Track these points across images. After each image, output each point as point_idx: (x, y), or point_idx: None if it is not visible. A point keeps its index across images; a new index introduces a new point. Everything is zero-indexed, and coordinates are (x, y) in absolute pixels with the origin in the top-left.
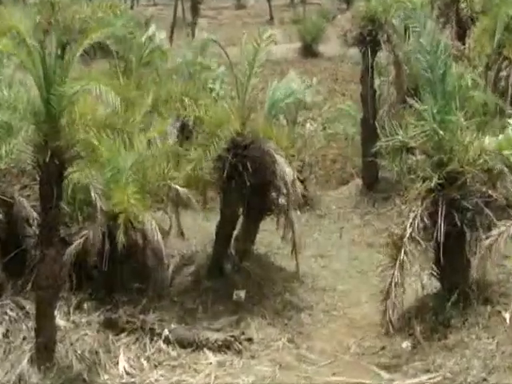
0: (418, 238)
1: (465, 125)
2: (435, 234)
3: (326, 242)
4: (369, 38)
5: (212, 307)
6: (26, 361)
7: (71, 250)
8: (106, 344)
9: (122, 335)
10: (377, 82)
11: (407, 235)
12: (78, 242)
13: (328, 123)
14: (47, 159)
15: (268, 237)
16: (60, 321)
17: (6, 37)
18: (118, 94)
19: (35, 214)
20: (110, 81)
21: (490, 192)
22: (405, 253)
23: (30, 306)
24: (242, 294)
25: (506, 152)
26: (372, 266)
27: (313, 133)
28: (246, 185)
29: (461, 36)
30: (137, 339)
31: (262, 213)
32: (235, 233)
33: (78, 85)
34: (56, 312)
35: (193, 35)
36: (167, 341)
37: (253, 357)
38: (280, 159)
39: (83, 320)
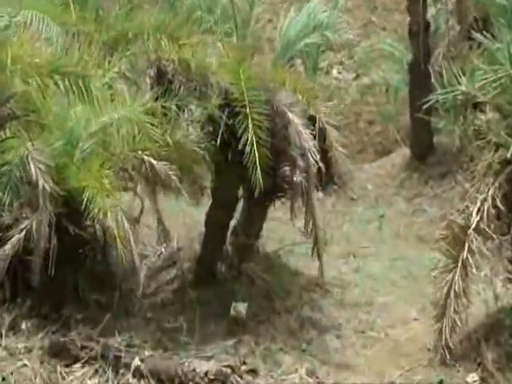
0: (488, 229)
1: None
2: None
3: (360, 236)
4: None
5: (201, 327)
6: None
7: (7, 250)
8: (53, 379)
9: (76, 366)
10: (431, 11)
11: (473, 226)
12: (15, 239)
13: (363, 69)
14: None
15: (279, 228)
16: None
17: None
18: (65, 26)
19: None
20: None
21: None
22: (469, 250)
23: None
24: (243, 308)
25: None
26: (423, 268)
27: (341, 83)
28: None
29: None
30: (96, 371)
31: (271, 195)
32: (233, 223)
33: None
34: None
35: None
36: (138, 374)
37: None
38: (296, 119)
39: (20, 345)
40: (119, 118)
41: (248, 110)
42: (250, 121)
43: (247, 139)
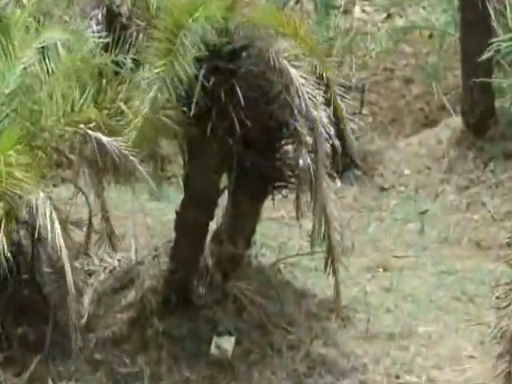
0: None
1: None
2: None
3: (393, 241)
4: None
5: (169, 372)
6: None
7: None
8: None
9: None
10: None
11: None
12: None
13: (397, 7)
14: None
15: (279, 233)
16: None
17: None
18: None
19: None
20: None
21: None
22: None
23: None
24: (229, 344)
25: None
26: (482, 286)
27: (367, 26)
28: (235, 131)
29: None
30: None
31: (267, 185)
32: (214, 225)
33: None
34: None
35: None
36: None
37: None
38: (301, 78)
39: None
40: (51, 76)
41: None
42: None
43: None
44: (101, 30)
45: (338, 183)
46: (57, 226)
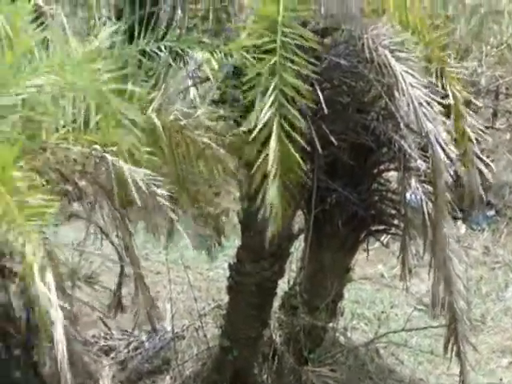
0: None
1: None
2: None
3: None
4: None
5: None
6: None
7: None
8: None
9: None
10: None
11: None
12: None
13: None
14: None
15: (376, 295)
16: None
17: None
18: None
19: None
20: None
21: None
22: None
23: None
24: None
25: None
26: None
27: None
28: (315, 151)
29: None
30: None
31: (360, 229)
32: (285, 285)
33: None
34: None
35: None
36: None
37: None
38: (406, 76)
39: None
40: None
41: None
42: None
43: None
44: (118, 2)
45: (463, 228)
46: (50, 281)
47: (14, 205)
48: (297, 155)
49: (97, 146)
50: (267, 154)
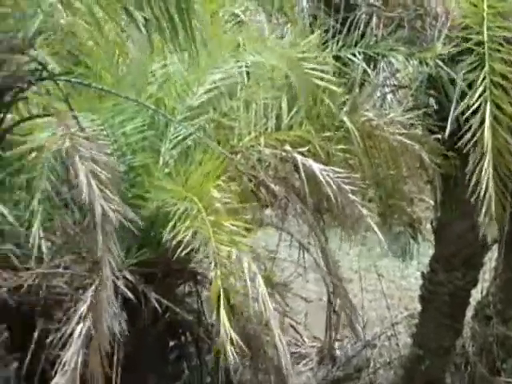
0: None
1: None
2: None
3: None
4: None
5: None
6: None
7: None
8: None
9: None
10: None
11: None
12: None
13: None
14: None
15: None
16: None
17: None
18: None
19: None
20: None
21: None
22: None
23: None
24: None
25: None
26: None
27: None
28: None
29: None
30: None
31: None
32: (478, 294)
33: None
34: None
35: None
36: None
37: None
38: None
39: None
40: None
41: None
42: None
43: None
44: (312, 10)
45: None
46: (263, 290)
47: (209, 224)
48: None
49: (288, 147)
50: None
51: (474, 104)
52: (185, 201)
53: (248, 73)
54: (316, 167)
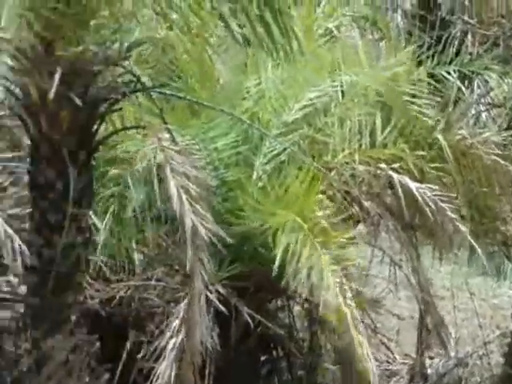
0: None
1: None
2: None
3: None
4: None
5: None
6: None
7: None
8: None
9: None
10: None
11: None
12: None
13: None
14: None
15: None
16: None
17: None
18: None
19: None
20: None
21: None
22: None
23: None
24: None
25: None
26: None
27: None
28: None
29: None
30: None
31: None
32: None
33: None
34: None
35: None
36: None
37: None
38: None
39: None
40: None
41: None
42: None
43: None
44: (407, 26)
45: None
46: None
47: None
48: None
49: (383, 165)
50: None
51: None
52: (282, 218)
53: (342, 91)
54: (412, 185)
